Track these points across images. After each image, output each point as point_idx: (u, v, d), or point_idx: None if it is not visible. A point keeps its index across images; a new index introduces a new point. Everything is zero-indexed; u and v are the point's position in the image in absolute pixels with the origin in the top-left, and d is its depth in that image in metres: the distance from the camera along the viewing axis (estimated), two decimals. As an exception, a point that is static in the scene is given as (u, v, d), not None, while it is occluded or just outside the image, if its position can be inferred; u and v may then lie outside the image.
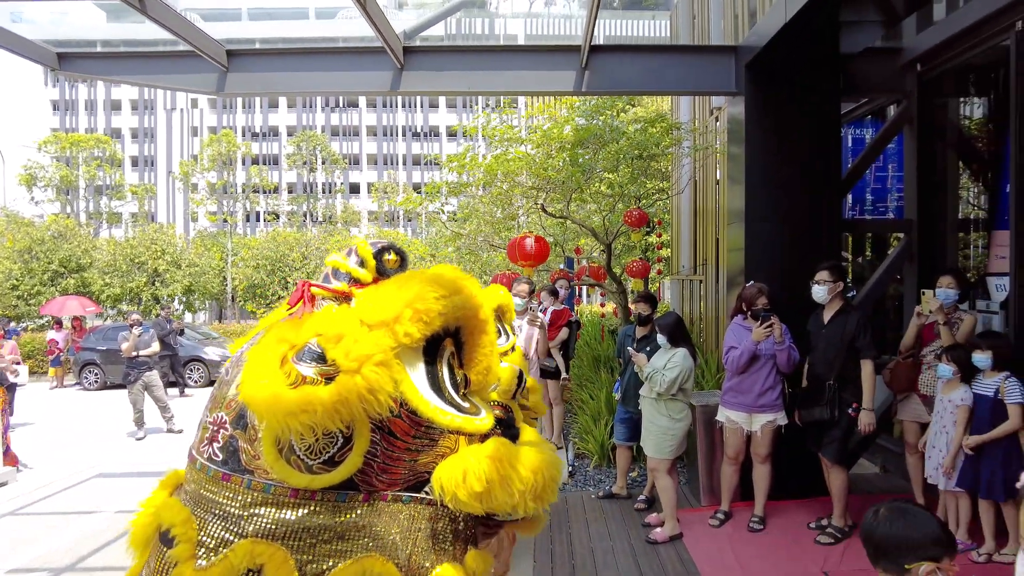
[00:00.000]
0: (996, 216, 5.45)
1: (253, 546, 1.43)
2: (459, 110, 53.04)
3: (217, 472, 1.50)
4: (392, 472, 1.52)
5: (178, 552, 1.46)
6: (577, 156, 7.39)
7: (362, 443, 1.45)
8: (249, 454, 1.47)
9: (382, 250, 1.69)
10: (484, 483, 1.47)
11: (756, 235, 4.98)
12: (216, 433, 1.54)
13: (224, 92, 5.26)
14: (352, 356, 1.38)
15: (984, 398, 3.71)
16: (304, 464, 1.44)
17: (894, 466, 5.61)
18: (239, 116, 53.94)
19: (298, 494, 1.45)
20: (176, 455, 7.45)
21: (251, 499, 1.46)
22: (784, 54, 4.69)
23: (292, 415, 1.33)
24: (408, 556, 1.53)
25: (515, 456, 1.54)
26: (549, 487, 1.56)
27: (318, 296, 1.67)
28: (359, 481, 1.48)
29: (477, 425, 1.57)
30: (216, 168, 34.48)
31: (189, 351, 13.63)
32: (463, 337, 1.64)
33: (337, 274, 1.69)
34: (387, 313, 1.45)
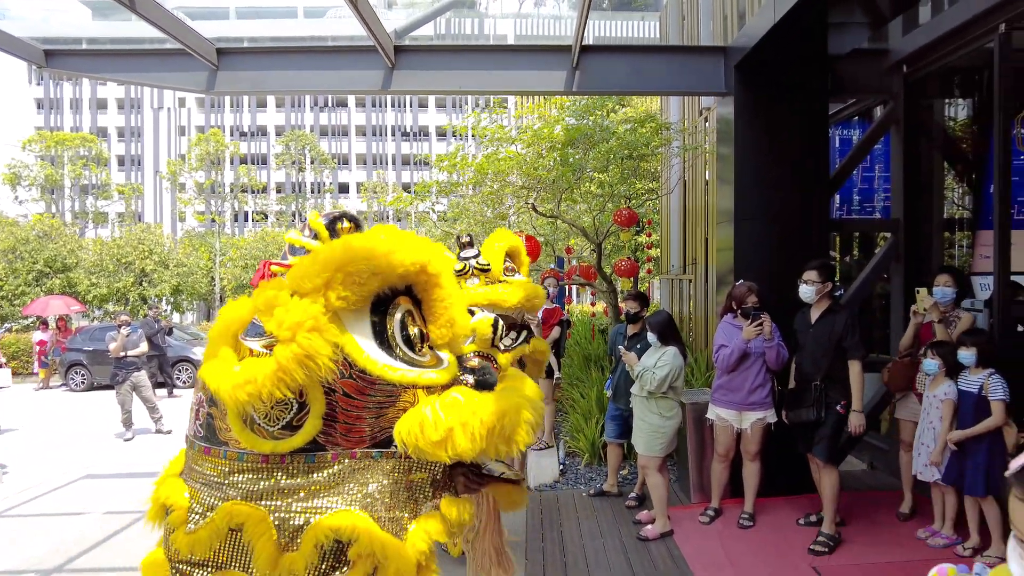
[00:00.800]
0: (980, 216, 5.53)
1: (232, 507, 1.53)
2: (449, 110, 52.98)
3: (201, 446, 1.62)
4: (355, 431, 1.56)
5: (172, 519, 1.59)
6: (567, 156, 7.42)
7: (317, 407, 1.51)
8: (222, 428, 1.57)
9: (334, 220, 1.74)
10: (442, 431, 1.49)
11: (745, 235, 5.02)
12: (198, 411, 1.65)
13: (214, 91, 5.24)
14: (285, 325, 1.43)
15: (968, 394, 3.76)
16: (266, 431, 1.52)
17: (882, 463, 5.68)
18: (227, 115, 53.59)
19: (268, 459, 1.53)
20: (165, 456, 7.40)
21: (229, 468, 1.55)
22: (773, 55, 4.73)
23: (238, 388, 1.40)
24: (386, 508, 1.59)
25: (477, 402, 1.56)
26: (520, 428, 1.58)
27: (278, 274, 1.71)
28: (324, 442, 1.54)
29: (431, 378, 1.60)
30: (204, 168, 34.27)
31: (177, 351, 13.53)
32: (418, 294, 1.67)
33: (294, 250, 1.75)
34: (317, 279, 1.48)
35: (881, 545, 4.07)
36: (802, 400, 4.17)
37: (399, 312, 1.61)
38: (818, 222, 5.10)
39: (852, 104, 6.34)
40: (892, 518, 4.48)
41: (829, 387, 4.10)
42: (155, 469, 6.12)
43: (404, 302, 1.63)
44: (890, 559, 3.87)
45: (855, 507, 4.64)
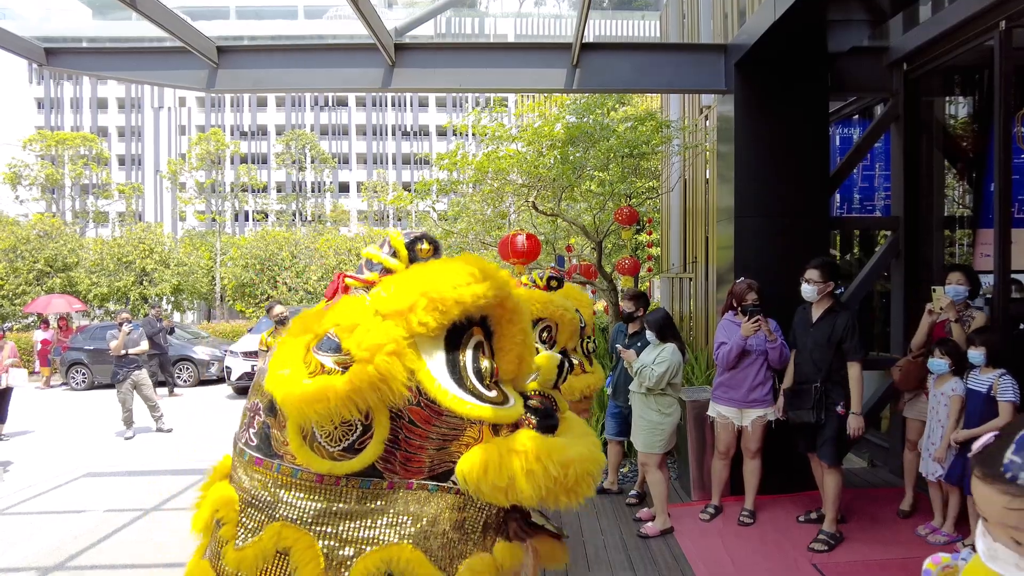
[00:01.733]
0: (981, 214, 5.53)
1: (282, 529, 1.49)
2: (449, 109, 52.98)
3: (252, 456, 1.57)
4: (415, 460, 1.53)
5: (223, 532, 1.55)
6: (568, 154, 7.42)
7: (381, 431, 1.48)
8: (279, 440, 1.53)
9: (415, 240, 1.71)
10: (506, 477, 1.46)
11: (745, 233, 5.03)
12: (253, 419, 1.61)
13: (214, 89, 5.24)
14: (364, 346, 1.41)
15: (976, 393, 3.72)
16: (326, 451, 1.48)
17: (882, 460, 5.68)
18: (227, 115, 53.58)
19: (323, 479, 1.49)
20: (165, 454, 7.41)
21: (280, 482, 1.51)
22: (773, 52, 4.74)
23: (307, 403, 1.36)
24: (438, 545, 1.54)
25: (544, 450, 1.51)
26: (583, 482, 1.54)
27: (352, 287, 1.68)
28: (382, 469, 1.50)
29: (499, 414, 1.56)
30: (204, 167, 34.25)
31: (178, 350, 13.54)
32: (491, 326, 1.64)
33: (371, 265, 1.71)
34: (401, 303, 1.47)
35: (881, 542, 4.08)
36: (802, 401, 4.14)
37: (472, 343, 1.58)
38: (818, 220, 5.10)
39: (852, 102, 6.34)
40: (892, 515, 4.49)
41: (830, 388, 4.07)
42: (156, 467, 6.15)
43: (477, 333, 1.60)
44: (890, 556, 3.87)
45: (855, 504, 4.64)
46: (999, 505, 0.89)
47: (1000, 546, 0.91)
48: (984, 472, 0.91)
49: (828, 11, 4.44)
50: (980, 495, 0.92)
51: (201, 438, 8.29)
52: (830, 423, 4.04)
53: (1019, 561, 0.89)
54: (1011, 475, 0.87)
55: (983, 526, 0.94)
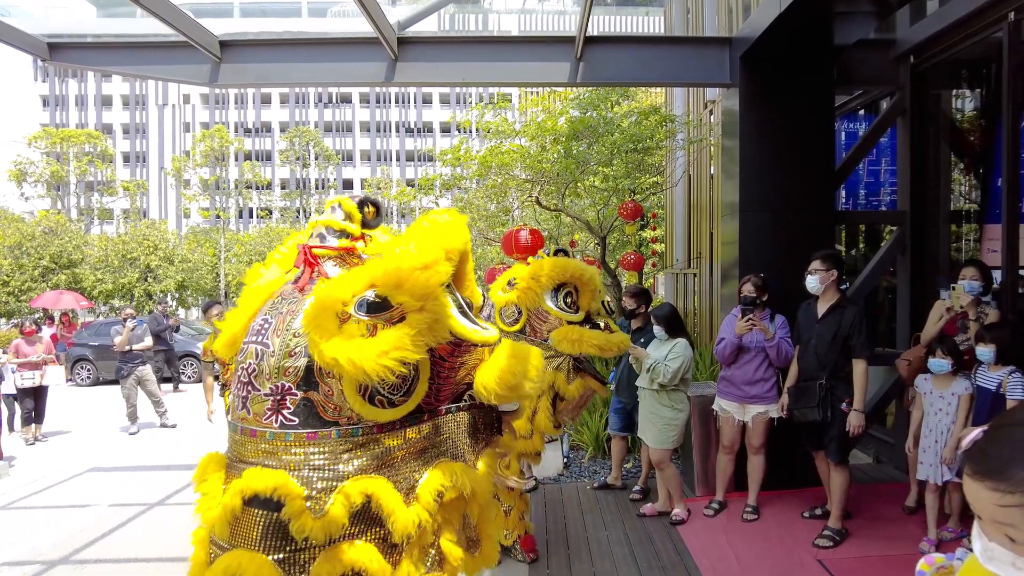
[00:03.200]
0: (988, 209, 5.48)
1: (355, 482, 1.60)
2: (452, 105, 52.93)
3: (300, 434, 1.61)
4: (444, 390, 1.81)
5: (292, 509, 1.53)
6: (571, 149, 7.39)
7: (425, 370, 1.72)
8: (328, 408, 1.63)
9: (360, 204, 1.89)
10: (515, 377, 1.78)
11: (750, 228, 4.99)
12: (282, 401, 1.63)
13: (217, 83, 5.23)
14: (417, 295, 1.60)
15: (985, 391, 3.65)
16: (388, 400, 1.65)
17: (887, 456, 5.65)
18: (231, 112, 53.66)
19: (383, 428, 1.67)
20: (169, 450, 7.42)
21: (343, 447, 1.63)
22: (778, 45, 4.70)
23: (383, 355, 1.51)
24: (462, 453, 1.86)
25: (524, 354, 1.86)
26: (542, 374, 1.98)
27: (321, 256, 1.81)
28: (423, 405, 1.75)
29: (492, 337, 1.84)
30: (208, 164, 34.28)
31: (183, 346, 13.57)
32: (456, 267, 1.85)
33: (331, 231, 1.85)
34: (431, 256, 1.67)
35: (886, 538, 4.05)
36: (807, 398, 4.06)
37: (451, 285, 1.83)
38: (823, 215, 5.07)
39: (858, 96, 6.30)
40: (898, 511, 4.46)
41: (835, 385, 4.00)
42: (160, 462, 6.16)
43: None
44: (895, 552, 3.85)
45: (860, 500, 4.62)
46: (990, 503, 0.87)
47: (995, 545, 0.89)
48: (974, 469, 0.89)
49: (834, 3, 4.41)
50: (971, 493, 0.90)
51: (204, 434, 8.31)
52: (837, 421, 3.97)
53: (1016, 560, 0.87)
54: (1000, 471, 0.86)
55: (978, 525, 0.92)
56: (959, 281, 3.97)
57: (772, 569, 3.71)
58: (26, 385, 8.03)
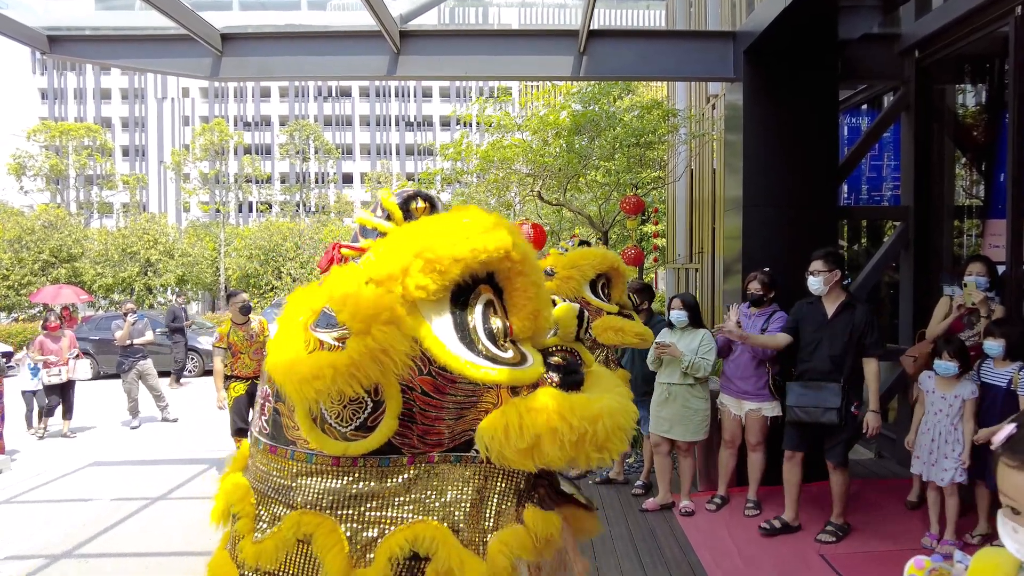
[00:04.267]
0: (991, 204, 5.46)
1: (301, 516, 1.44)
2: (453, 99, 52.80)
3: (266, 445, 1.52)
4: (433, 432, 1.45)
5: (239, 527, 1.50)
6: (573, 143, 7.37)
7: (393, 405, 1.39)
8: (289, 425, 1.47)
9: (408, 198, 1.60)
10: (528, 437, 1.35)
11: (753, 222, 4.98)
12: (263, 406, 1.56)
13: (219, 77, 5.21)
14: (359, 317, 1.29)
15: (995, 388, 3.61)
16: (338, 432, 1.41)
17: (889, 452, 5.66)
18: (231, 105, 53.52)
19: (339, 462, 1.43)
20: (171, 444, 7.43)
21: (296, 469, 1.46)
22: (783, 40, 4.67)
23: (305, 382, 1.27)
24: (463, 518, 1.47)
25: (567, 406, 1.39)
26: (615, 436, 1.41)
27: (349, 257, 1.58)
28: (400, 444, 1.43)
29: (516, 375, 1.43)
30: (208, 158, 34.24)
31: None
32: (500, 281, 1.51)
33: (365, 231, 1.60)
34: (393, 266, 1.34)
35: (889, 534, 4.06)
36: (821, 399, 3.90)
37: (480, 303, 1.46)
38: (826, 210, 5.05)
39: (862, 90, 6.27)
40: (900, 507, 4.46)
41: (848, 389, 3.90)
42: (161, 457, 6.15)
43: (485, 291, 1.48)
44: (897, 547, 3.85)
45: (863, 496, 4.62)
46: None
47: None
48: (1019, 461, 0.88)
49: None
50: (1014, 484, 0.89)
51: (206, 428, 8.31)
52: (849, 424, 3.90)
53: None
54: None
55: (1012, 521, 0.91)
56: (966, 277, 3.91)
57: (775, 565, 3.71)
58: (52, 382, 7.84)
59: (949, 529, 3.77)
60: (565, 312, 1.82)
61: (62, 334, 8.06)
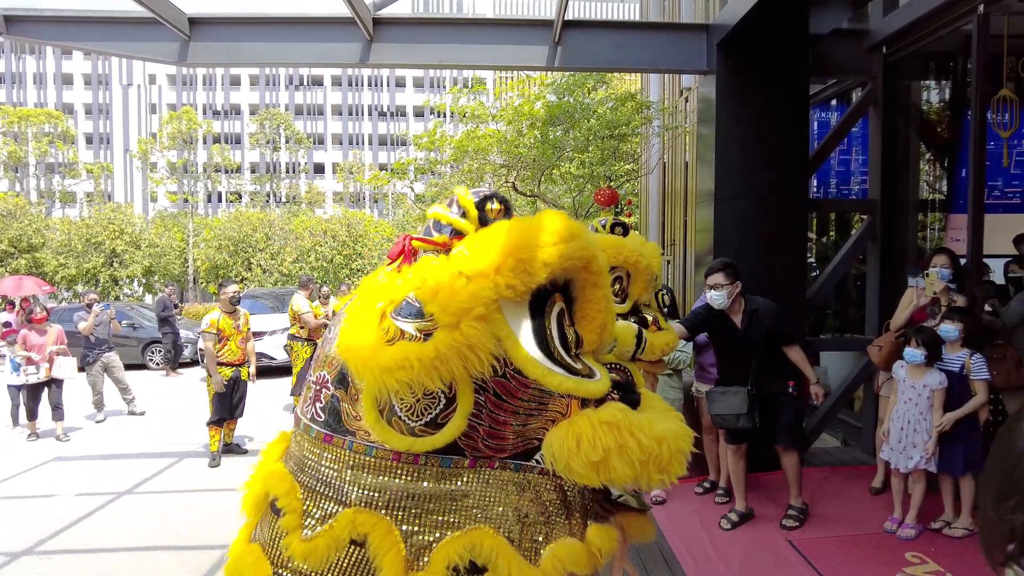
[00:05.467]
0: (953, 199, 5.61)
1: (356, 515, 1.39)
2: (426, 89, 52.39)
3: (320, 433, 1.46)
4: (499, 437, 1.42)
5: (286, 522, 1.43)
6: (548, 134, 7.37)
7: (465, 404, 1.36)
8: (350, 414, 1.42)
9: (485, 199, 1.60)
10: (600, 451, 1.34)
11: (724, 215, 5.03)
12: (319, 392, 1.50)
13: (186, 62, 5.08)
14: (450, 310, 1.29)
15: (950, 373, 3.73)
16: (406, 426, 1.37)
17: (855, 440, 5.79)
18: (200, 93, 52.42)
19: (400, 457, 1.38)
20: (138, 438, 7.27)
21: (353, 461, 1.41)
22: (755, 33, 4.72)
23: (388, 371, 1.26)
24: (519, 529, 1.43)
25: (636, 423, 1.40)
26: (676, 459, 1.42)
27: (419, 249, 1.57)
28: (464, 446, 1.39)
29: (590, 388, 1.43)
30: (176, 147, 33.49)
31: (150, 332, 13.31)
32: (573, 292, 1.51)
33: (439, 226, 1.60)
34: (487, 263, 1.33)
35: (854, 519, 4.15)
36: (730, 405, 3.96)
37: (555, 311, 1.45)
38: (797, 202, 5.13)
39: (832, 85, 6.36)
40: (864, 492, 4.57)
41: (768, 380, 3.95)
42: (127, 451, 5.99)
43: (559, 300, 1.47)
44: (862, 532, 3.94)
45: (828, 482, 4.72)
46: None
47: None
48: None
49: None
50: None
51: (174, 421, 8.16)
52: (786, 408, 3.99)
53: None
54: None
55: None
56: (931, 269, 4.04)
57: (746, 552, 3.77)
58: (30, 381, 7.22)
59: (911, 514, 3.85)
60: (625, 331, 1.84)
61: (48, 327, 7.50)
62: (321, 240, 27.49)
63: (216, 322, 6.13)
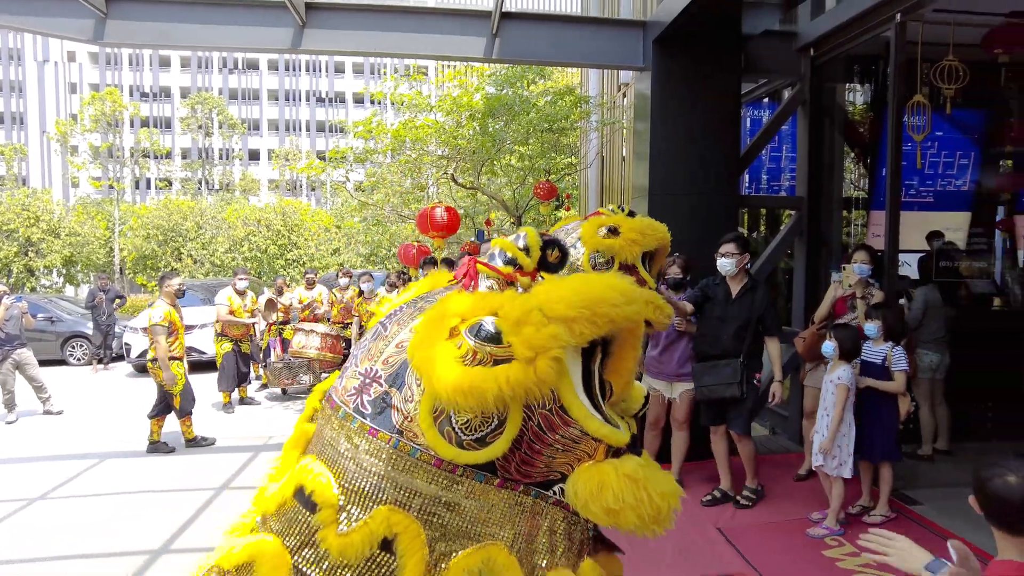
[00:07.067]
0: (875, 197, 5.87)
1: (390, 514, 1.47)
2: (367, 76, 51.33)
3: (364, 425, 1.53)
4: (531, 464, 1.53)
5: (322, 517, 1.49)
6: (488, 126, 7.32)
7: (513, 429, 1.46)
8: (402, 414, 1.50)
9: (548, 243, 1.73)
10: (619, 502, 1.47)
11: (660, 210, 5.11)
12: (368, 386, 1.57)
13: (103, 41, 4.79)
14: (531, 345, 1.37)
15: (872, 365, 3.93)
16: (456, 437, 1.45)
17: (782, 428, 6.02)
18: (126, 73, 49.81)
19: (442, 464, 1.48)
20: (54, 439, 6.88)
21: (395, 460, 1.49)
22: (690, 31, 4.80)
23: (462, 393, 1.34)
24: (526, 552, 1.56)
25: (651, 480, 1.52)
26: (670, 516, 1.56)
27: (482, 274, 1.69)
28: (499, 466, 1.50)
29: (619, 437, 1.55)
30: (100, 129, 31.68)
31: (70, 326, 12.61)
32: (613, 347, 1.63)
33: (503, 256, 1.72)
34: (570, 310, 1.44)
35: (779, 507, 4.31)
36: (722, 375, 4.16)
37: (597, 360, 1.58)
38: (729, 198, 5.26)
39: (763, 84, 6.55)
40: (790, 480, 4.76)
41: (749, 363, 4.17)
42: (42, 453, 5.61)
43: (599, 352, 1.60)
44: (786, 518, 4.11)
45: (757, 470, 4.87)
46: None
47: None
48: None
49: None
50: None
51: (96, 420, 7.76)
52: (750, 396, 4.19)
53: None
54: None
55: None
56: (850, 264, 4.26)
57: (676, 540, 3.86)
58: None
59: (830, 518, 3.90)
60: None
61: None
62: (255, 230, 26.65)
63: (169, 315, 6.02)
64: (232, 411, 7.95)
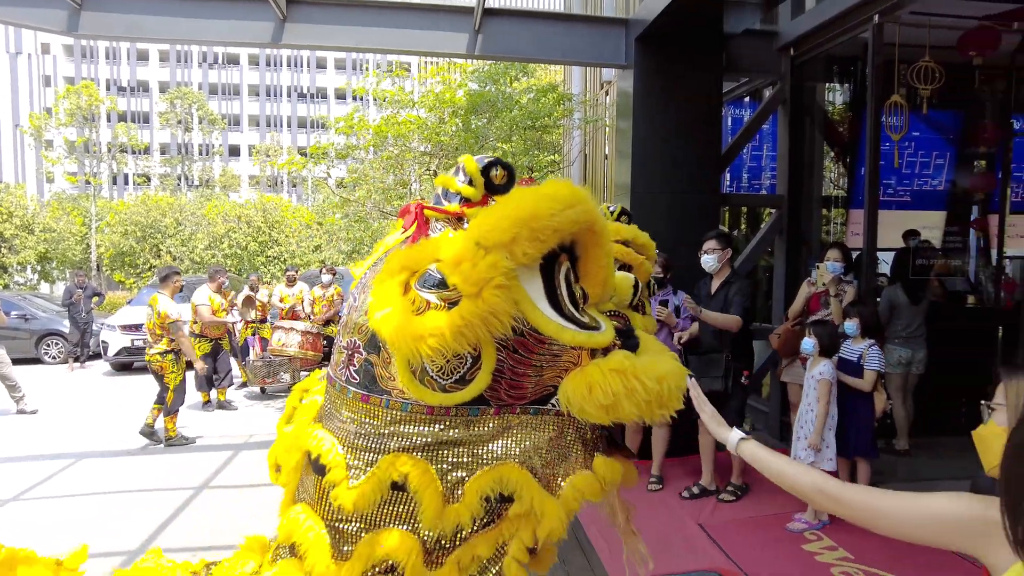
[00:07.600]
0: (853, 196, 5.95)
1: (395, 459, 1.54)
2: (349, 72, 50.94)
3: (357, 393, 1.60)
4: (519, 387, 1.58)
5: (332, 476, 1.57)
6: (470, 122, 7.30)
7: (489, 362, 1.51)
8: (384, 376, 1.57)
9: (489, 166, 1.68)
10: (610, 396, 1.50)
11: (642, 208, 5.13)
12: (352, 356, 1.63)
13: (77, 33, 4.71)
14: (472, 280, 1.41)
15: (848, 362, 3.96)
16: (437, 384, 1.52)
17: (762, 425, 6.07)
18: (102, 67, 48.97)
19: (434, 411, 1.55)
20: (27, 439, 6.76)
21: (391, 417, 1.56)
22: (672, 29, 4.82)
23: (420, 340, 1.39)
24: (540, 464, 1.63)
25: (640, 367, 1.55)
26: (674, 395, 1.58)
27: (431, 218, 1.67)
28: (489, 396, 1.56)
29: (598, 339, 1.59)
30: (76, 124, 31.11)
31: (45, 324, 12.41)
32: (578, 251, 1.64)
33: (447, 194, 1.68)
34: (504, 234, 1.44)
35: (758, 501, 4.36)
36: (710, 369, 4.20)
37: (563, 270, 1.59)
38: (710, 196, 5.30)
39: (744, 83, 6.60)
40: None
41: (734, 357, 4.21)
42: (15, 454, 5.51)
43: (564, 260, 1.60)
44: (765, 513, 4.15)
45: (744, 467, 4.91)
46: None
47: None
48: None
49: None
50: None
51: (71, 420, 7.63)
52: (736, 393, 4.21)
53: None
54: None
55: None
56: (824, 262, 4.31)
57: (658, 535, 3.89)
58: None
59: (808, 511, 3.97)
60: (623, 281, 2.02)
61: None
62: (235, 226, 26.36)
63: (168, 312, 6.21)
64: (212, 410, 7.86)
